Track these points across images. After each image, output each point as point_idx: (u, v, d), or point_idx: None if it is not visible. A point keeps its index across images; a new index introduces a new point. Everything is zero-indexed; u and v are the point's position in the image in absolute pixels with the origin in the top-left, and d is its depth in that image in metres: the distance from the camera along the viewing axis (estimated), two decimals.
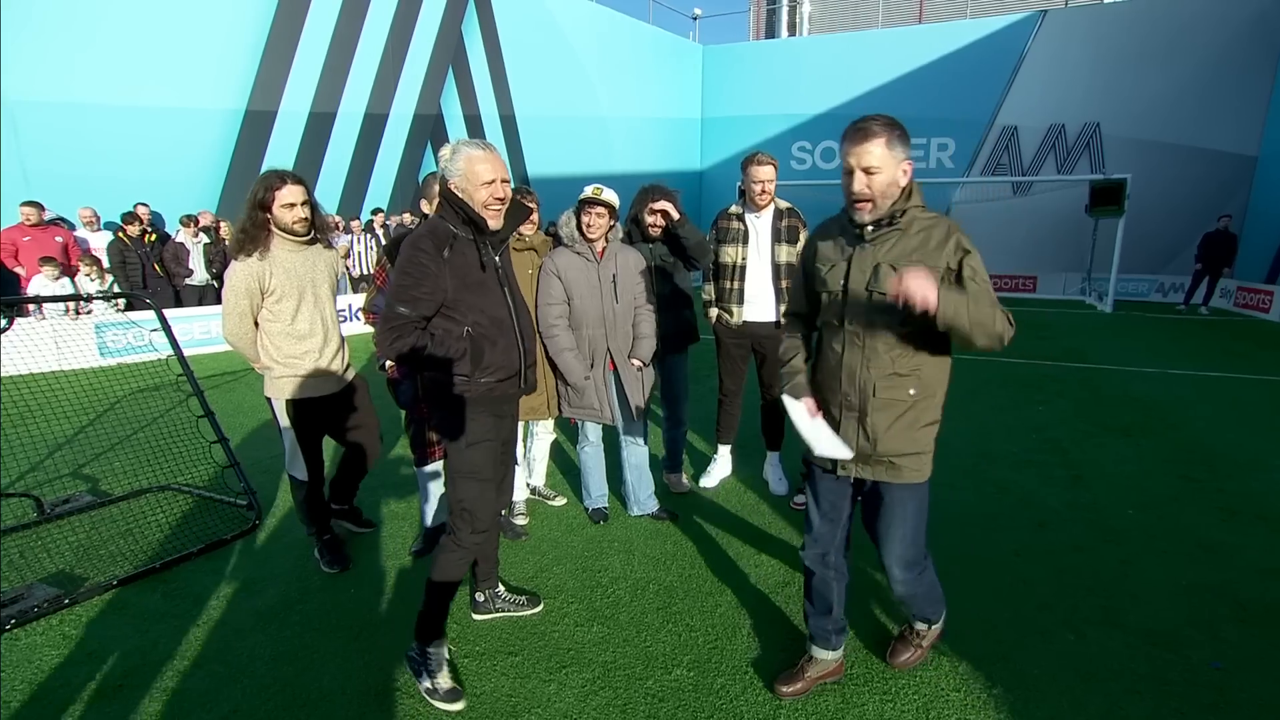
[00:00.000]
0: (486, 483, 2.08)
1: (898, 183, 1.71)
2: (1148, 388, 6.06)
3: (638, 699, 2.08)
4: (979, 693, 2.11)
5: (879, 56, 15.19)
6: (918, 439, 1.82)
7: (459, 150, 1.95)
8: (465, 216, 1.95)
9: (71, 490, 3.79)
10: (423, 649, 2.09)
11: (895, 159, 1.69)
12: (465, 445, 2.04)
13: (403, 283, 1.91)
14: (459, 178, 1.93)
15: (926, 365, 1.79)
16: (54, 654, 2.30)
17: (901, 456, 1.83)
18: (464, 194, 1.94)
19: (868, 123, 1.69)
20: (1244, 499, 3.59)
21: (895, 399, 1.80)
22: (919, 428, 1.82)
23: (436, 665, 2.07)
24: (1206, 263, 11.13)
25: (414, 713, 2.04)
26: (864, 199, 1.71)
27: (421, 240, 1.93)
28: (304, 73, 10.17)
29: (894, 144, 1.68)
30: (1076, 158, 13.70)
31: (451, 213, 1.97)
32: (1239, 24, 12.18)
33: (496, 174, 1.95)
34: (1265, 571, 2.85)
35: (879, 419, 1.81)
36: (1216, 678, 2.19)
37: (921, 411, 1.82)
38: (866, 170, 1.68)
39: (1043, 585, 2.74)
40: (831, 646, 2.10)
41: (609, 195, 2.94)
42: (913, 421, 1.81)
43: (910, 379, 1.79)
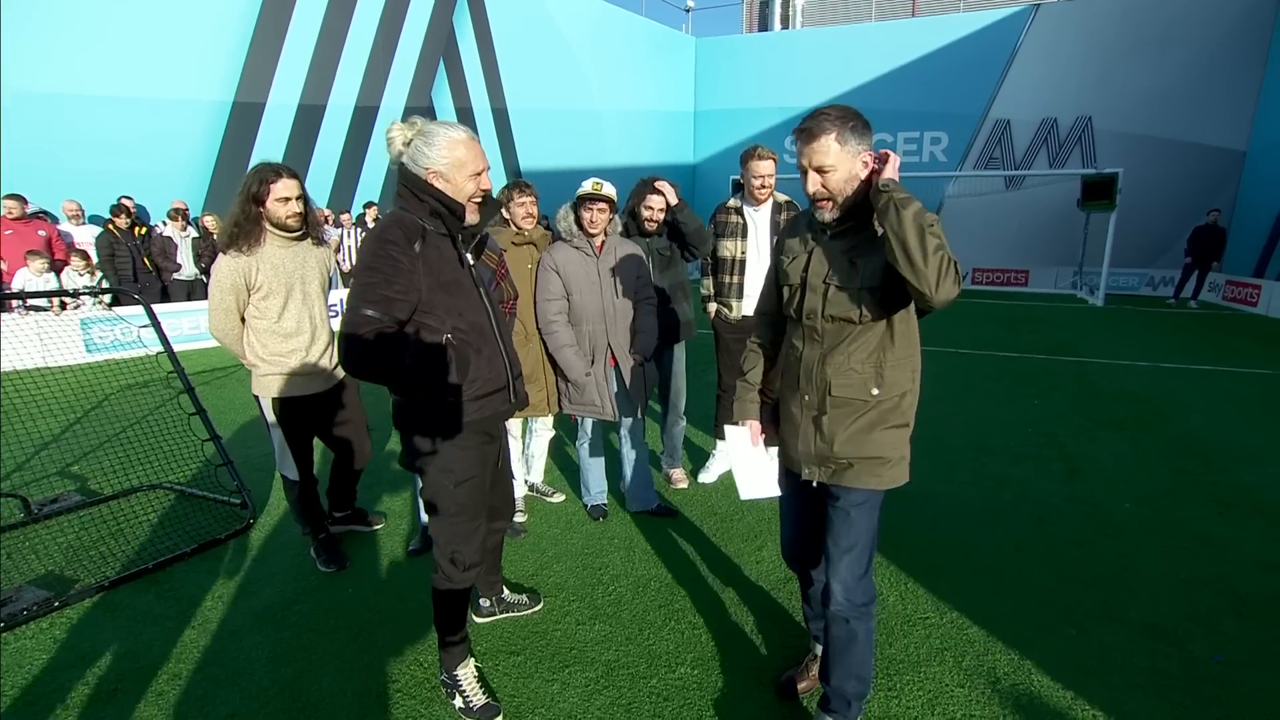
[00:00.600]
0: (474, 520, 1.90)
1: (858, 176, 1.60)
2: (1140, 381, 6.10)
3: (642, 698, 2.07)
4: (983, 688, 2.11)
5: (872, 50, 15.18)
6: (879, 442, 1.68)
7: (434, 132, 1.71)
8: (438, 208, 1.73)
9: (59, 490, 3.72)
10: (451, 675, 2.01)
11: (851, 153, 1.58)
12: (453, 484, 1.82)
13: (370, 280, 1.62)
14: (440, 164, 1.71)
15: (889, 364, 1.67)
16: (45, 658, 2.25)
17: (860, 460, 1.69)
18: (444, 182, 1.73)
19: (816, 119, 1.59)
20: (1238, 492, 3.62)
21: (853, 398, 1.68)
22: (881, 430, 1.68)
23: (468, 685, 2.00)
24: (1196, 257, 11.23)
25: (416, 714, 2.01)
26: (821, 198, 1.62)
27: (388, 231, 1.67)
28: (292, 64, 10.02)
29: (847, 137, 1.57)
30: (1069, 152, 13.76)
31: (418, 203, 1.73)
32: (1230, 19, 12.25)
33: (484, 163, 1.78)
34: (1262, 565, 2.87)
35: (836, 417, 1.69)
36: (1217, 671, 2.20)
37: (885, 413, 1.68)
38: (820, 169, 1.59)
39: (1043, 580, 2.74)
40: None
41: (609, 189, 2.91)
42: (874, 422, 1.68)
43: (869, 377, 1.67)
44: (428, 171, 1.72)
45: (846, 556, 1.75)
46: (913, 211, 1.50)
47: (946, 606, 2.55)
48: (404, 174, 1.74)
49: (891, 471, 1.70)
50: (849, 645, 1.77)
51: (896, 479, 1.72)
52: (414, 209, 1.74)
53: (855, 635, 1.77)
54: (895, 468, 1.71)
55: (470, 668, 2.05)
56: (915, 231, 1.48)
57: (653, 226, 3.26)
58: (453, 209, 1.75)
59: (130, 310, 7.11)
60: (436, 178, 1.72)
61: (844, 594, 1.75)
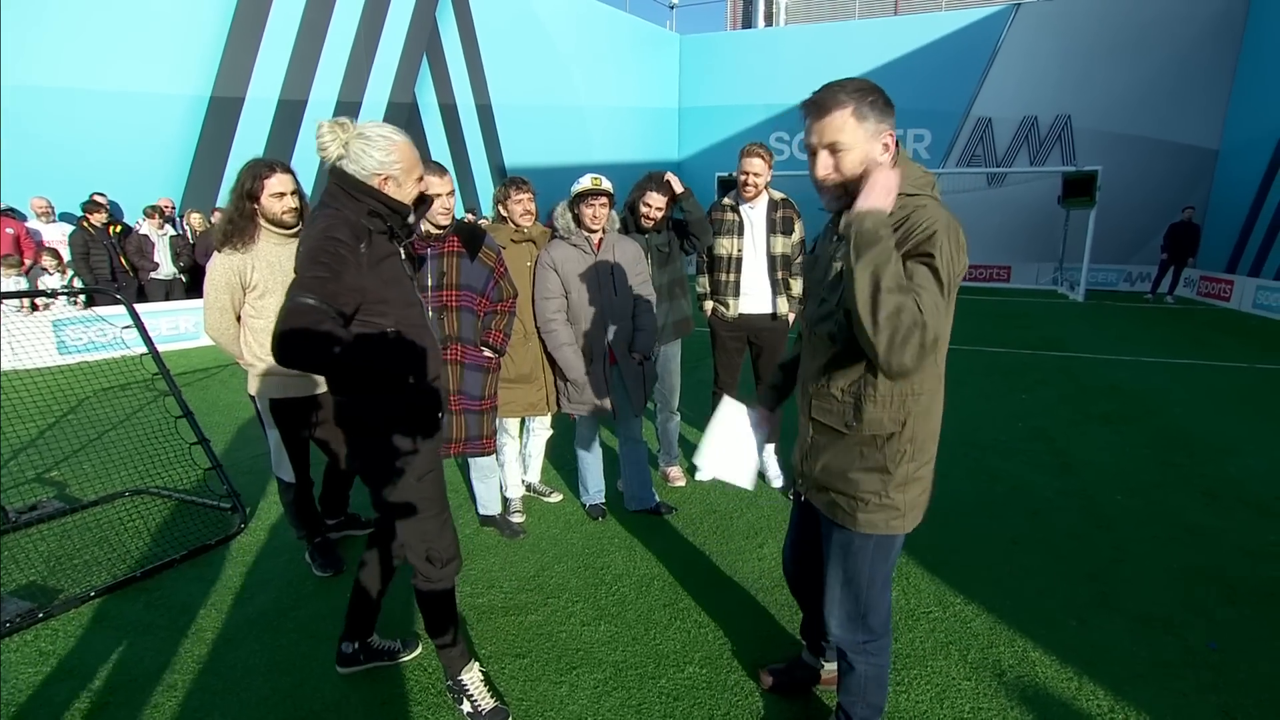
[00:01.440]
0: (443, 513, 1.88)
1: (876, 160, 1.36)
2: (1124, 375, 6.21)
3: (652, 698, 2.05)
4: (990, 681, 2.13)
5: (856, 47, 15.26)
6: (854, 480, 1.50)
7: (374, 136, 1.65)
8: (379, 209, 1.67)
9: (36, 497, 3.60)
10: (456, 680, 2.00)
11: (869, 132, 1.35)
12: (416, 479, 1.79)
13: (316, 274, 1.54)
14: (393, 169, 1.67)
15: (868, 400, 1.44)
16: (31, 671, 2.17)
17: (835, 492, 1.54)
18: (395, 186, 1.69)
19: (830, 90, 1.36)
20: (1223, 483, 3.70)
21: (828, 425, 1.53)
22: (858, 469, 1.49)
23: (475, 689, 1.98)
24: (1172, 253, 11.48)
25: (422, 716, 1.98)
26: (832, 184, 1.39)
27: (336, 229, 1.60)
28: (272, 58, 9.81)
29: (865, 113, 1.34)
30: (1049, 150, 13.99)
31: (355, 204, 1.65)
32: (1203, 21, 12.53)
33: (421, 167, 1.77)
34: (1250, 553, 2.94)
35: (816, 440, 1.57)
36: (1214, 658, 2.24)
37: (864, 452, 1.48)
38: (831, 147, 1.36)
39: (1041, 573, 2.78)
40: (825, 657, 2.06)
41: (608, 184, 2.88)
42: (850, 458, 1.50)
43: (847, 407, 1.48)
44: (376, 176, 1.66)
45: (838, 591, 1.63)
46: (870, 262, 1.24)
47: (949, 600, 2.57)
48: (341, 176, 1.66)
49: (867, 516, 1.50)
50: (848, 675, 1.70)
51: (874, 526, 1.51)
52: (350, 209, 1.66)
53: (853, 668, 1.67)
54: (873, 513, 1.50)
55: (475, 671, 2.03)
56: (868, 287, 1.24)
57: (650, 224, 3.24)
58: (400, 211, 1.71)
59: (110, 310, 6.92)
60: (387, 182, 1.68)
61: (838, 626, 1.66)
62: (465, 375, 2.68)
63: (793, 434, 1.75)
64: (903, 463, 1.48)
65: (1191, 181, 12.98)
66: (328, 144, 1.63)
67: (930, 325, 1.27)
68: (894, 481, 1.49)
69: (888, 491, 1.49)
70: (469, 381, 2.69)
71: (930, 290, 1.30)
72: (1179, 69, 12.75)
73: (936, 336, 1.29)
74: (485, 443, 2.90)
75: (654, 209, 3.21)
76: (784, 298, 3.42)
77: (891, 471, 1.48)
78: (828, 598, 1.67)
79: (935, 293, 1.30)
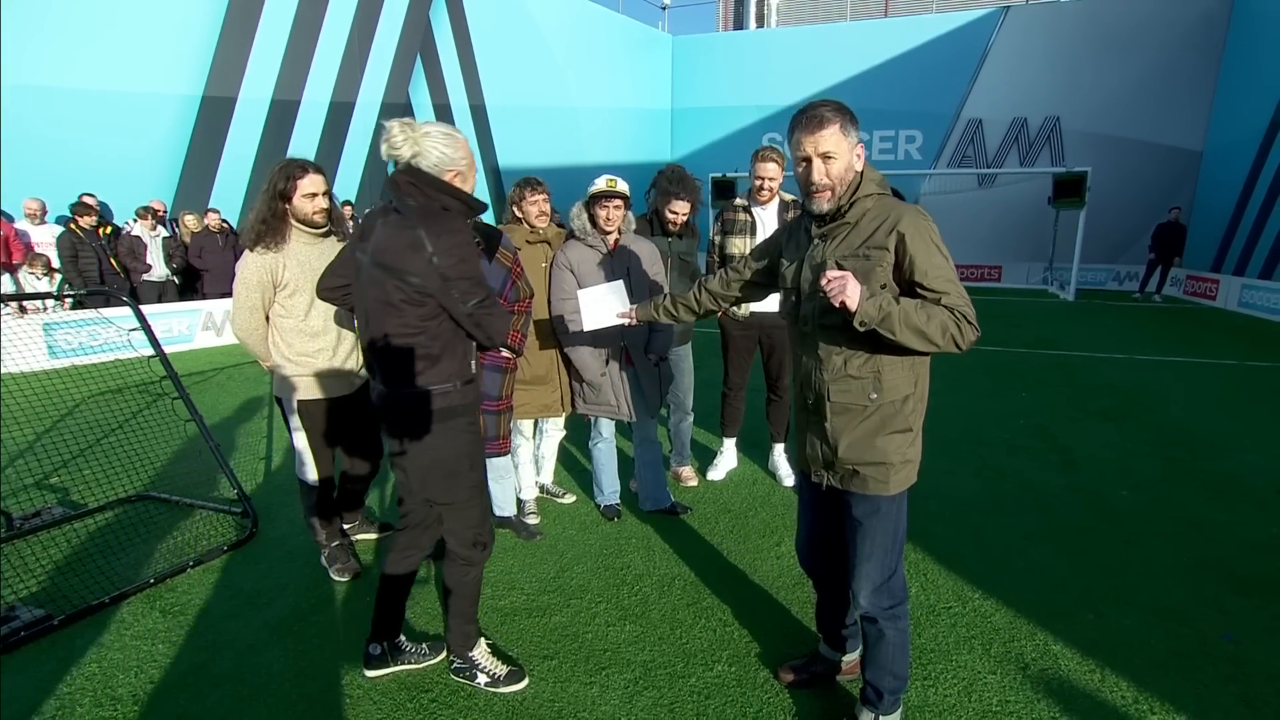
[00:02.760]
0: (485, 498, 2.01)
1: (853, 168, 1.64)
2: (1119, 373, 6.31)
3: (684, 697, 2.06)
4: (1014, 674, 2.15)
5: (847, 49, 15.40)
6: (882, 447, 1.68)
7: (443, 133, 1.75)
8: (452, 204, 1.77)
9: (39, 503, 3.54)
10: (464, 659, 2.06)
11: (849, 143, 1.63)
12: (470, 467, 1.89)
13: (474, 270, 1.74)
14: (463, 165, 1.78)
15: (887, 368, 1.65)
16: (52, 679, 2.14)
17: (864, 465, 1.70)
18: (464, 181, 1.81)
19: (819, 109, 1.61)
20: (1224, 478, 3.77)
21: (852, 404, 1.68)
22: (883, 435, 1.68)
23: (486, 661, 2.08)
24: (1159, 252, 11.68)
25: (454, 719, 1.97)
26: (824, 187, 1.63)
27: (452, 221, 1.73)
28: (265, 58, 9.72)
29: (847, 128, 1.62)
30: (1038, 151, 14.18)
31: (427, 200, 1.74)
32: (1186, 25, 12.77)
33: None
34: (1256, 546, 3.00)
35: (837, 424, 1.71)
36: (1230, 650, 2.28)
37: (886, 418, 1.67)
38: (825, 156, 1.60)
39: (1055, 567, 2.82)
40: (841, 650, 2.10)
41: (623, 186, 2.89)
42: (875, 428, 1.68)
43: (867, 382, 1.66)
44: (447, 172, 1.76)
45: (866, 564, 1.77)
46: (900, 325, 1.53)
47: (968, 596, 2.60)
48: (416, 174, 1.74)
49: (897, 476, 1.70)
50: (878, 644, 1.82)
51: (902, 483, 1.71)
52: (441, 202, 1.76)
53: (884, 635, 1.80)
54: (899, 472, 1.70)
55: (482, 646, 2.11)
56: (916, 337, 1.54)
57: (675, 228, 3.27)
58: (469, 203, 1.80)
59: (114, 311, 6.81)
60: (456, 177, 1.78)
61: (866, 598, 1.79)
62: (484, 375, 2.67)
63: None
64: (917, 419, 1.72)
65: (1177, 182, 13.22)
66: (400, 144, 1.70)
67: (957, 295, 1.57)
68: (911, 437, 1.71)
69: (907, 449, 1.71)
70: (487, 382, 2.69)
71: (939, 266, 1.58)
72: (1164, 72, 12.99)
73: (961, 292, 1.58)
74: (502, 443, 2.90)
75: (680, 215, 3.25)
76: None
77: (912, 427, 1.71)
78: (858, 572, 1.79)
79: (940, 266, 1.58)
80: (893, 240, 1.58)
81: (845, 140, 1.61)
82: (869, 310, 1.54)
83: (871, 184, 1.67)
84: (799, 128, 1.63)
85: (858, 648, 2.09)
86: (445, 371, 1.81)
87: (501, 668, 2.08)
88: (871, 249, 1.61)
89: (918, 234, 1.57)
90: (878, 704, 1.85)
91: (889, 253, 1.59)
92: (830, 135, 1.60)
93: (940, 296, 1.56)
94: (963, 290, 1.59)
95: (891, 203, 1.66)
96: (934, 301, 1.56)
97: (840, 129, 1.60)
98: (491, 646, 2.17)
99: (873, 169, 1.70)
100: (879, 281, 1.60)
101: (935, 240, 1.59)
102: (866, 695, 1.88)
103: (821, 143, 1.60)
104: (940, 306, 1.55)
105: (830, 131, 1.60)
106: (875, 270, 1.60)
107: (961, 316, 1.55)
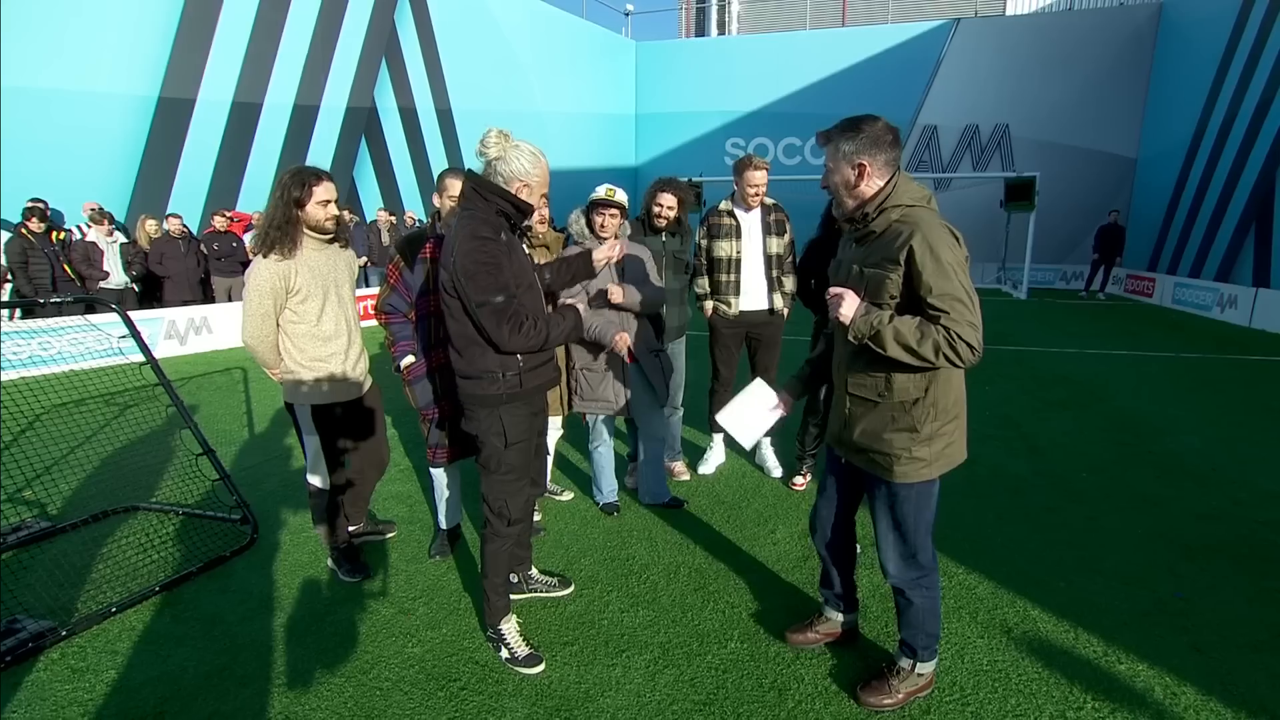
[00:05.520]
0: (521, 479, 2.17)
1: (850, 180, 1.77)
2: (1071, 366, 6.74)
3: (703, 673, 2.18)
4: (999, 637, 2.36)
5: (806, 56, 15.87)
6: (888, 440, 1.82)
7: (527, 149, 2.00)
8: (507, 209, 1.98)
9: (15, 518, 3.42)
10: (496, 629, 2.25)
11: (840, 158, 1.77)
12: (505, 446, 2.09)
13: (491, 275, 1.88)
14: (530, 176, 1.99)
15: (899, 371, 1.76)
16: (68, 689, 2.12)
17: (872, 451, 1.86)
18: (526, 191, 2.01)
19: (831, 129, 1.82)
20: (1169, 458, 4.12)
21: (864, 396, 1.86)
22: (890, 430, 1.81)
23: (512, 638, 2.23)
24: (1101, 253, 12.42)
25: (487, 708, 2.04)
26: (831, 191, 1.86)
27: (480, 228, 1.92)
28: (225, 58, 9.47)
29: (841, 143, 1.77)
30: (989, 156, 14.90)
31: (486, 204, 1.96)
32: (1120, 42, 13.66)
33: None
34: (1200, 517, 3.31)
35: (853, 410, 1.90)
36: (1181, 606, 2.55)
37: (894, 416, 1.80)
38: (828, 168, 1.84)
39: (1027, 542, 3.06)
40: (837, 609, 2.30)
41: (621, 196, 3.02)
42: (883, 422, 1.82)
43: (878, 380, 1.81)
44: (517, 181, 1.98)
45: (889, 536, 1.96)
46: (889, 341, 1.67)
47: (952, 571, 2.81)
48: (478, 180, 1.99)
49: (901, 468, 1.82)
50: (908, 610, 2.01)
51: (908, 476, 1.82)
52: (482, 210, 1.96)
53: (912, 603, 1.99)
54: (904, 465, 1.82)
55: (513, 623, 2.27)
56: (907, 354, 1.67)
57: (663, 223, 3.39)
58: (525, 211, 2.03)
59: (37, 324, 6.53)
60: (523, 188, 2.00)
61: (892, 568, 1.98)
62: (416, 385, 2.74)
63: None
64: (927, 422, 1.81)
65: (1116, 187, 14.09)
66: (491, 145, 1.96)
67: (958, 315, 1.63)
68: (919, 438, 1.81)
69: (914, 447, 1.82)
70: (419, 391, 2.75)
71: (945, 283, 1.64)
72: (1101, 84, 13.84)
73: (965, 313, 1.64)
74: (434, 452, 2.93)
75: (665, 208, 3.37)
76: (779, 294, 3.62)
77: (919, 429, 1.81)
78: (881, 544, 1.98)
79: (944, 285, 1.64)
80: (904, 255, 1.67)
81: (838, 153, 1.80)
82: (860, 327, 1.72)
83: (905, 196, 1.75)
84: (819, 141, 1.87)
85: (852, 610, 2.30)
86: (485, 360, 2.00)
87: (523, 648, 2.22)
88: (886, 261, 1.72)
89: (928, 250, 1.64)
90: (914, 657, 2.05)
91: (900, 266, 1.69)
92: (828, 151, 1.84)
93: (940, 315, 1.64)
94: (969, 309, 1.64)
95: (920, 216, 1.72)
96: (934, 319, 1.64)
97: (833, 147, 1.80)
98: (521, 626, 2.31)
99: (914, 185, 1.78)
100: (889, 293, 1.72)
101: (947, 258, 1.65)
102: (903, 648, 2.07)
103: (826, 156, 1.85)
104: (938, 326, 1.63)
105: (828, 149, 1.84)
106: (886, 281, 1.72)
107: (957, 337, 1.62)
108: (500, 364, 2.01)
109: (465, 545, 3.08)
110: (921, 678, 2.05)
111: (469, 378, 2.05)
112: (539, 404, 2.21)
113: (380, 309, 2.80)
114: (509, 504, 2.15)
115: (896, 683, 2.03)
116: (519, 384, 2.05)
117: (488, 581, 2.23)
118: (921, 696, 2.06)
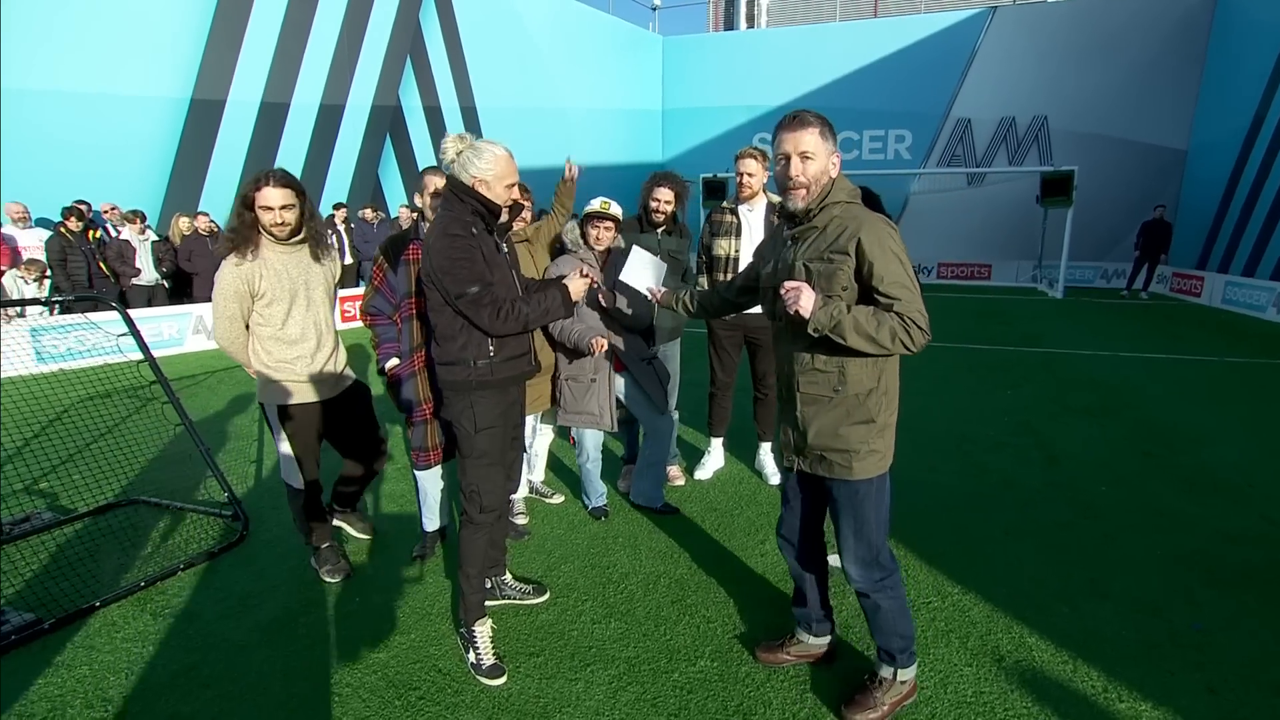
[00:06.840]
0: (493, 466, 2.19)
1: (828, 172, 1.77)
2: (1102, 370, 6.40)
3: (667, 692, 2.10)
4: (989, 666, 2.21)
5: (837, 49, 15.48)
6: (845, 435, 1.81)
7: (482, 148, 2.04)
8: (478, 208, 2.05)
9: (27, 508, 3.55)
10: (469, 629, 2.22)
11: (826, 149, 1.76)
12: (474, 431, 2.13)
13: (465, 269, 1.96)
14: (485, 173, 2.03)
15: (851, 364, 1.78)
16: (42, 682, 2.16)
17: (830, 451, 1.84)
18: (486, 189, 2.05)
19: (802, 113, 1.77)
20: (1199, 471, 3.85)
21: (817, 395, 1.83)
22: (846, 424, 1.81)
23: (482, 643, 2.20)
24: (1145, 250, 11.81)
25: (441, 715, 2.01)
26: (799, 185, 1.76)
27: (451, 226, 2.01)
28: (254, 60, 9.71)
29: (826, 134, 1.76)
30: (1026, 150, 14.31)
31: (460, 204, 2.04)
32: (1169, 26, 12.92)
33: (516, 176, 2.11)
34: (1228, 537, 3.07)
35: (805, 412, 1.86)
36: (1198, 639, 2.35)
37: (850, 409, 1.80)
38: (803, 155, 1.74)
39: (1033, 561, 2.88)
40: (812, 633, 2.20)
41: (616, 209, 2.97)
42: (840, 418, 1.81)
43: (831, 375, 1.80)
44: (474, 179, 2.02)
45: (850, 540, 1.93)
46: (850, 331, 1.68)
47: (947, 590, 2.66)
48: (452, 181, 2.06)
49: (861, 463, 1.82)
50: (877, 614, 1.97)
51: (868, 470, 1.84)
52: (456, 210, 2.04)
53: (879, 606, 1.94)
54: (863, 460, 1.82)
55: (487, 627, 2.24)
56: (866, 342, 1.69)
57: (660, 217, 3.33)
58: (492, 210, 2.08)
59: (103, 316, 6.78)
60: (481, 185, 2.03)
61: (855, 572, 1.95)
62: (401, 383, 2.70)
63: None
64: (882, 412, 1.83)
65: (1162, 180, 13.37)
66: (448, 149, 2.05)
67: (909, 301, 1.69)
68: (876, 428, 1.83)
69: (871, 439, 1.82)
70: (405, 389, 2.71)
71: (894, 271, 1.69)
72: (1147, 72, 13.13)
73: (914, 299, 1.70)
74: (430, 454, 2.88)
75: (662, 203, 3.30)
76: None
77: (875, 420, 1.82)
78: (843, 549, 1.95)
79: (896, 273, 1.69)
80: (853, 246, 1.71)
81: (823, 144, 1.75)
82: (821, 318, 1.69)
83: (842, 193, 1.80)
84: (783, 127, 1.77)
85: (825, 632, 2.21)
86: (459, 349, 2.07)
87: (489, 657, 2.19)
88: (834, 254, 1.74)
89: (876, 242, 1.70)
90: (893, 663, 1.99)
91: (850, 258, 1.72)
92: (809, 137, 1.74)
93: (893, 302, 1.70)
94: (916, 296, 1.72)
95: (857, 210, 1.78)
96: (887, 306, 1.70)
97: (820, 133, 1.74)
98: (493, 633, 2.27)
99: (846, 180, 1.83)
100: (840, 284, 1.74)
101: (893, 248, 1.71)
102: (881, 656, 2.01)
103: (801, 142, 1.74)
104: (891, 313, 1.69)
105: (810, 133, 1.74)
106: (837, 273, 1.74)
107: (910, 322, 1.68)
108: (474, 353, 2.08)
109: (447, 551, 3.05)
110: (904, 685, 2.00)
111: (445, 364, 2.14)
112: (513, 395, 2.25)
113: (365, 310, 2.79)
114: (481, 488, 2.18)
115: (880, 695, 1.98)
116: (490, 372, 2.11)
117: (462, 573, 2.22)
118: (906, 705, 2.01)
